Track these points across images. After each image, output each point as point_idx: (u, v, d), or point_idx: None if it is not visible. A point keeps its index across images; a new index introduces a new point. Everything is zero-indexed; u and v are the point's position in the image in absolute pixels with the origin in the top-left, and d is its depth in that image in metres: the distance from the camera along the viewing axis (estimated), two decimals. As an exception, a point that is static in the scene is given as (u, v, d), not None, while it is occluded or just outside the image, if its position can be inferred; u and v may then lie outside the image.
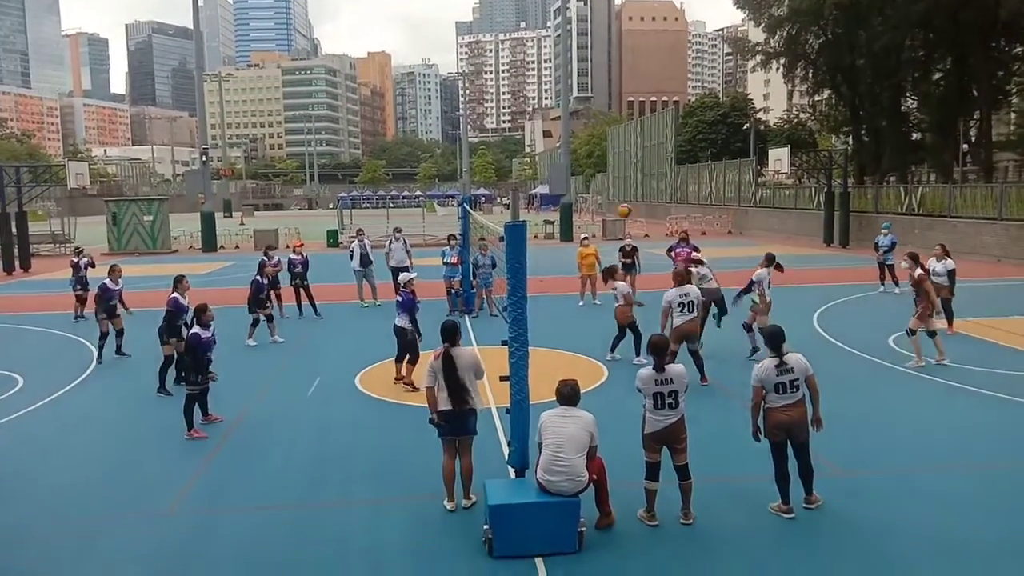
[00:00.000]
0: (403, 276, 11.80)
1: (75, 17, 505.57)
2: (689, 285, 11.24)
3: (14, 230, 29.72)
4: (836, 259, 28.59)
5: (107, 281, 13.52)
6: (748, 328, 12.47)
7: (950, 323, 14.12)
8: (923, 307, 11.78)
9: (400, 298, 11.31)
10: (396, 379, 11.43)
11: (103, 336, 13.30)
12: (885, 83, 41.83)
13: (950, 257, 14.38)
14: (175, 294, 11.19)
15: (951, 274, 14.09)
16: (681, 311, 10.84)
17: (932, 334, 11.94)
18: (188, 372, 9.49)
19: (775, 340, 6.80)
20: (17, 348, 15.10)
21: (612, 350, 12.62)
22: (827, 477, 7.30)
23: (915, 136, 47.30)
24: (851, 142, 49.67)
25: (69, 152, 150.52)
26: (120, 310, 13.72)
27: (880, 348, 13.15)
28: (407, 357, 11.26)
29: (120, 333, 13.63)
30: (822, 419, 6.92)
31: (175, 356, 10.90)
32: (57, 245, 37.04)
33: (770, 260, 12.65)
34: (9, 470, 8.43)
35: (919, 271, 12.08)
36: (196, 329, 9.39)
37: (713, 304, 12.73)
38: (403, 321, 11.21)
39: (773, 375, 6.67)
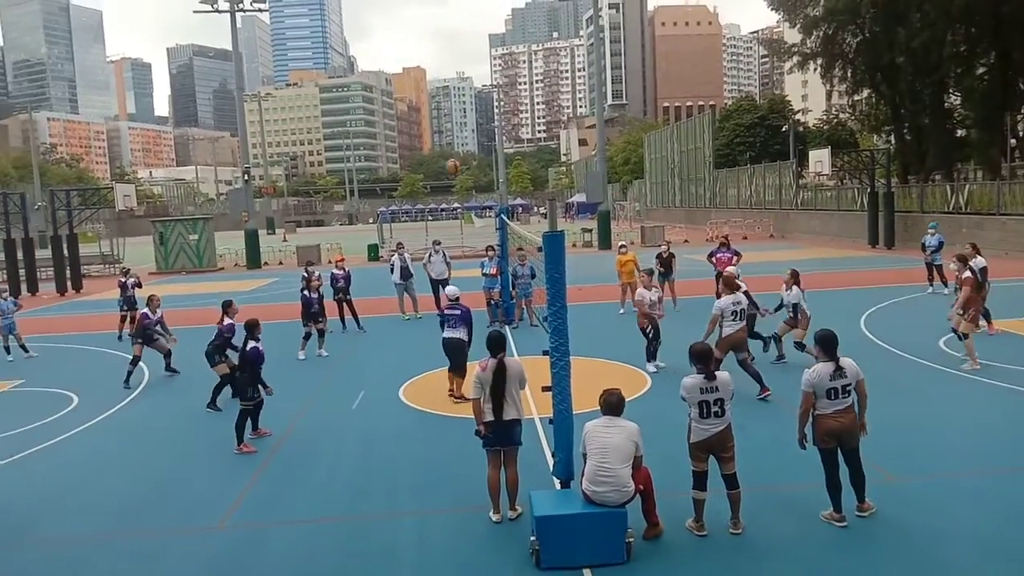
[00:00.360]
0: (451, 290, 11.69)
1: (119, 43, 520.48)
2: (740, 293, 10.78)
3: (66, 252, 30.59)
4: (882, 260, 28.06)
5: (146, 310, 13.66)
6: (777, 339, 12.37)
7: (989, 322, 13.84)
8: (973, 309, 11.55)
9: (458, 311, 11.19)
10: (450, 392, 11.30)
11: (135, 361, 13.43)
12: (926, 80, 41.02)
13: (981, 255, 14.12)
14: (229, 320, 11.41)
15: (983, 272, 13.82)
16: (733, 319, 10.44)
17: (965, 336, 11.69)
18: (244, 387, 9.61)
19: (830, 345, 6.65)
20: (71, 367, 15.50)
21: (650, 359, 12.50)
22: (879, 483, 7.14)
23: (960, 133, 46.27)
24: (893, 141, 48.79)
25: (116, 175, 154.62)
26: (160, 337, 13.75)
27: (930, 351, 12.86)
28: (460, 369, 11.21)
29: (167, 354, 13.81)
30: (867, 425, 6.78)
31: (231, 374, 11.05)
32: (107, 266, 37.99)
33: (796, 276, 12.23)
34: (67, 487, 8.65)
35: (967, 273, 11.83)
36: (252, 343, 9.56)
37: None
38: (461, 333, 11.13)
39: (827, 380, 6.53)
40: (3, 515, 7.90)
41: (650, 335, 12.35)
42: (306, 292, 15.11)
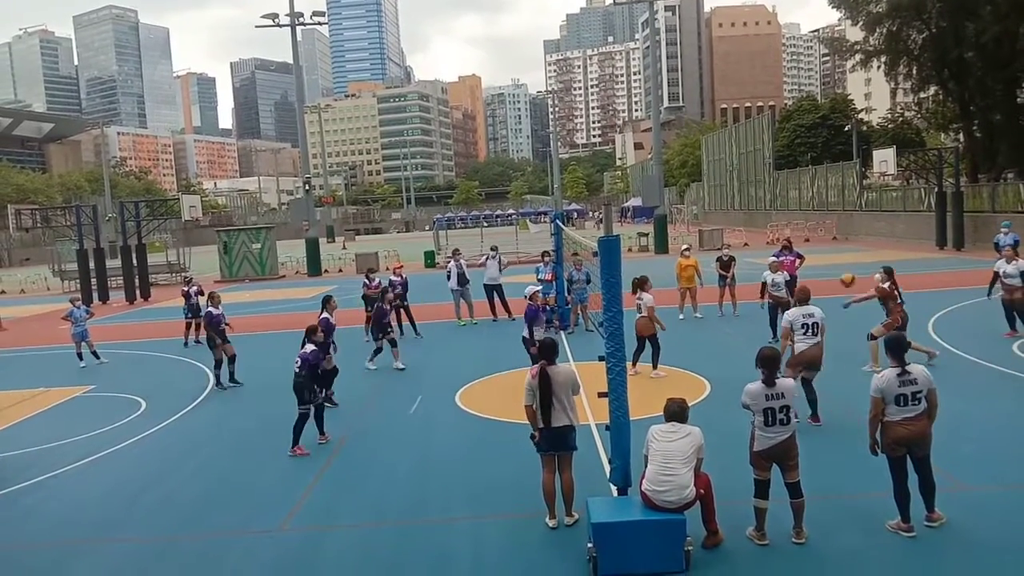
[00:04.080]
0: (529, 288, 12.14)
1: (185, 59, 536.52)
2: (813, 306, 9.73)
3: (135, 261, 31.62)
4: (951, 262, 27.12)
5: (211, 309, 13.78)
6: (872, 338, 11.83)
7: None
8: None
9: (526, 310, 11.81)
10: None
11: (219, 363, 13.60)
12: (997, 75, 39.62)
13: (1021, 258, 13.63)
14: (325, 314, 11.65)
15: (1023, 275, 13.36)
16: (804, 333, 9.44)
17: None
18: (302, 390, 9.70)
19: (898, 348, 6.46)
20: (139, 373, 15.98)
21: (633, 364, 12.10)
22: (949, 492, 6.87)
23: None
24: (962, 139, 47.23)
25: (182, 186, 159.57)
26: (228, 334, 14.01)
27: (1003, 356, 12.36)
28: None
29: (232, 359, 13.75)
30: (931, 435, 6.50)
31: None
32: (174, 274, 39.13)
33: (890, 272, 11.82)
34: (135, 489, 8.91)
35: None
36: (310, 347, 9.74)
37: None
38: (526, 331, 11.70)
39: (895, 386, 6.33)
40: (73, 517, 8.18)
41: (657, 342, 12.32)
42: (380, 304, 14.51)
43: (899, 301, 11.85)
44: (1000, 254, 18.22)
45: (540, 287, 12.71)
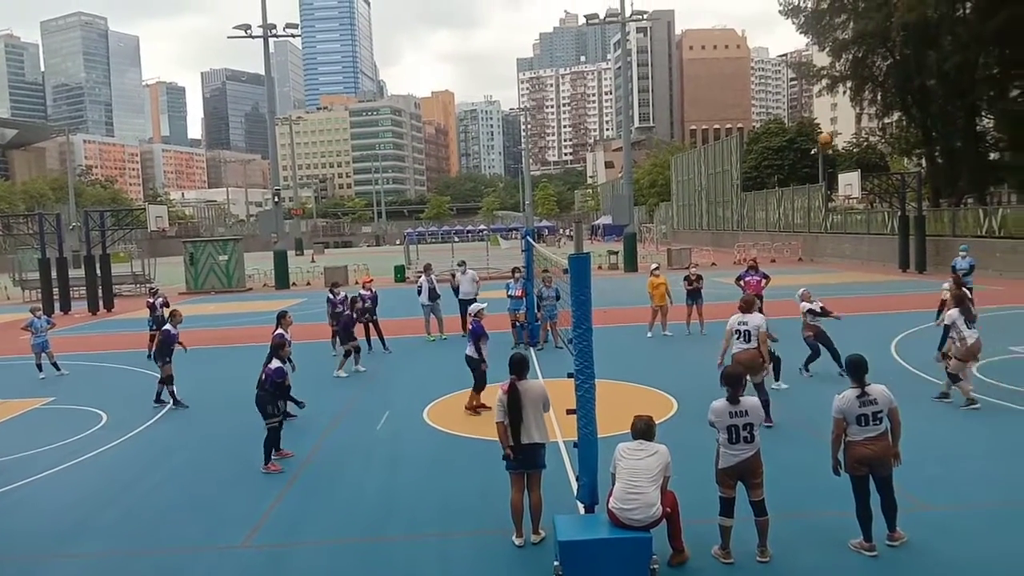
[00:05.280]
0: (474, 306, 12.23)
1: (155, 67, 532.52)
2: (753, 313, 10.40)
3: (98, 272, 31.09)
4: (913, 285, 27.63)
5: (168, 326, 13.40)
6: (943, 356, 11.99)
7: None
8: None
9: (472, 327, 11.86)
10: (467, 407, 11.72)
11: (170, 379, 13.19)
12: (958, 103, 40.64)
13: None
14: (280, 330, 11.40)
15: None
16: (739, 339, 10.25)
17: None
18: (265, 404, 9.57)
19: (858, 370, 6.57)
20: (100, 385, 15.69)
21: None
22: (910, 512, 6.97)
23: (993, 156, 45.65)
24: (924, 164, 48.27)
25: (149, 196, 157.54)
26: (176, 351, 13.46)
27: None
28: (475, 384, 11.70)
29: (169, 379, 13.22)
30: (900, 454, 6.63)
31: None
32: (138, 285, 38.54)
33: (959, 300, 11.25)
34: (94, 503, 8.73)
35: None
36: (276, 363, 9.63)
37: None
38: (471, 350, 11.67)
39: (855, 407, 6.43)
40: (32, 531, 7.99)
41: None
42: (349, 312, 15.43)
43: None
44: (954, 277, 18.67)
45: (486, 305, 12.81)
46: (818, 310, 12.80)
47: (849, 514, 6.58)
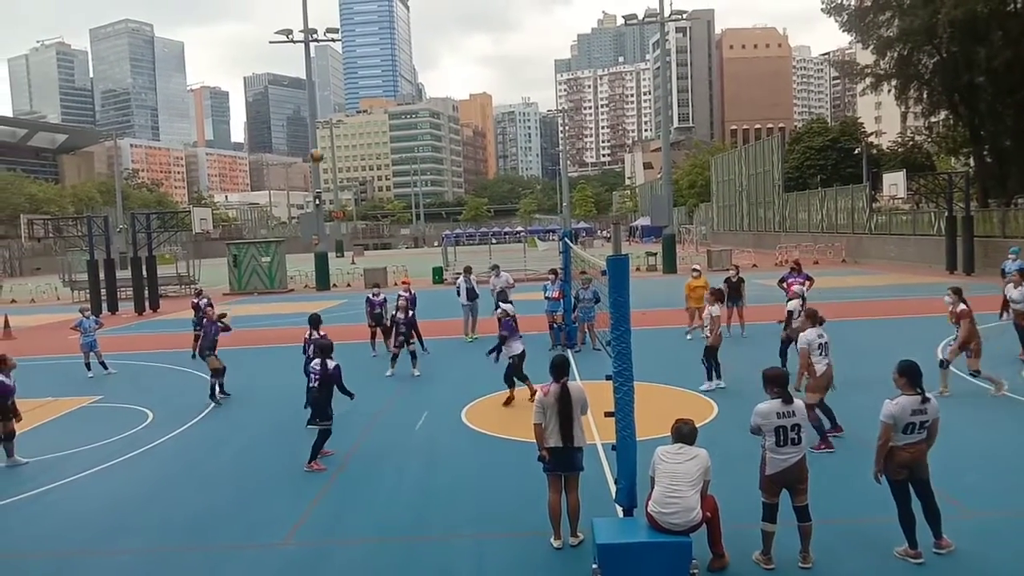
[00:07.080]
0: (499, 311, 12.28)
1: (199, 73, 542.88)
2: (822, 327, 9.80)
3: (145, 273, 31.77)
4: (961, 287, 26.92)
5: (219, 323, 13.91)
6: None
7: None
8: (975, 344, 11.74)
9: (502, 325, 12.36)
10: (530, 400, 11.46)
11: (216, 373, 13.63)
12: (1008, 100, 39.55)
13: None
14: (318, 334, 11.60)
15: None
16: (820, 354, 9.50)
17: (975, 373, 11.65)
18: (323, 407, 9.62)
19: (916, 376, 6.39)
20: (147, 384, 16.00)
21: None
22: (956, 519, 6.82)
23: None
24: (972, 163, 47.11)
25: (194, 199, 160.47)
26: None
27: (1010, 381, 12.26)
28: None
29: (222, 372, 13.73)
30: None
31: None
32: (183, 286, 39.28)
33: (959, 292, 11.38)
34: (138, 501, 8.92)
35: (962, 306, 11.86)
36: (331, 363, 9.73)
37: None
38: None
39: (908, 415, 6.27)
40: (76, 526, 8.18)
41: None
42: (397, 314, 15.39)
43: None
44: (1004, 280, 18.19)
45: (511, 306, 12.95)
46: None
47: (892, 520, 6.43)
